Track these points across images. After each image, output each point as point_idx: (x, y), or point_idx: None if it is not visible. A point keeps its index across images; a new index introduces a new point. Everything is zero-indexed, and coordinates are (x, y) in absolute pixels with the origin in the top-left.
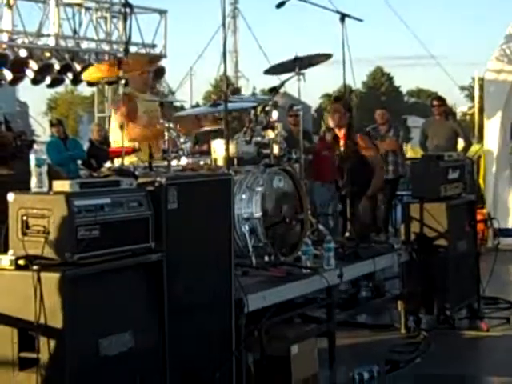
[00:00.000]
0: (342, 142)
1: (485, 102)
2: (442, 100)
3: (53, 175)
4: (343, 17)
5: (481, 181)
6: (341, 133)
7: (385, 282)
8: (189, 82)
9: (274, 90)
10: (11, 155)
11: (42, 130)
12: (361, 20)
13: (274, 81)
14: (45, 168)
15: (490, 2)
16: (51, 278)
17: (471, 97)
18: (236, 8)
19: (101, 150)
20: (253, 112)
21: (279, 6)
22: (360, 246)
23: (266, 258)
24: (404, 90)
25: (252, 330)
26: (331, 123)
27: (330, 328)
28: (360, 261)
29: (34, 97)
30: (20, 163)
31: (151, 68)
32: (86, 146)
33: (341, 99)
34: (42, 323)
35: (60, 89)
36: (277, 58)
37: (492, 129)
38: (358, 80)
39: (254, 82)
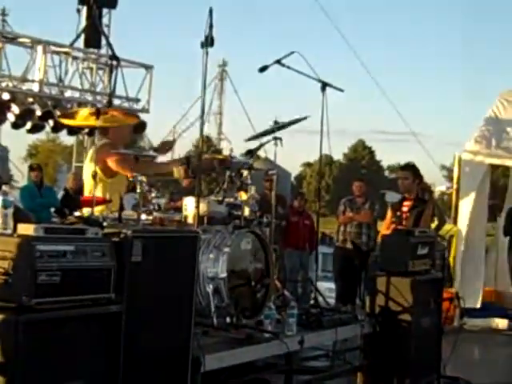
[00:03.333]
0: (405, 209)
1: (460, 181)
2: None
3: (22, 219)
4: (324, 86)
5: (451, 260)
6: (411, 197)
7: (346, 353)
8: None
9: (250, 153)
10: None
11: (20, 175)
12: (342, 90)
13: (254, 144)
14: (11, 210)
15: (478, 81)
16: (6, 321)
17: (450, 177)
18: (224, 71)
19: (75, 198)
20: (228, 173)
21: (262, 70)
22: (324, 314)
23: (228, 319)
24: (385, 164)
25: None
26: (400, 189)
27: None
28: (322, 329)
29: (15, 142)
30: None
31: (130, 122)
32: (60, 194)
33: (409, 167)
34: None
35: (41, 136)
36: (260, 122)
37: (465, 209)
38: (339, 151)
39: (237, 144)
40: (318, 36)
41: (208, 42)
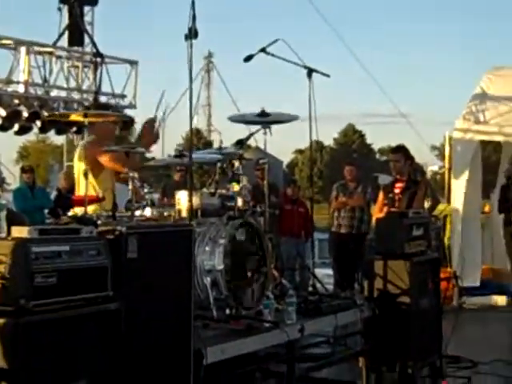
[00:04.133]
0: (397, 191)
1: (452, 160)
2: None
3: (15, 221)
4: (310, 72)
5: (446, 239)
6: (403, 179)
7: (347, 338)
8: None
9: (240, 143)
10: None
11: (12, 178)
12: (328, 75)
13: (244, 134)
14: (3, 213)
15: (465, 60)
16: (5, 325)
17: (442, 156)
18: (211, 62)
19: (68, 198)
20: (219, 164)
21: (247, 59)
22: (323, 301)
23: (227, 311)
24: (376, 147)
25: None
26: (392, 171)
27: (291, 383)
28: (322, 316)
29: (5, 145)
30: None
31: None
32: (53, 194)
33: (400, 149)
34: None
35: (31, 137)
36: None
37: (459, 187)
38: (329, 136)
39: (227, 135)
40: (303, 22)
41: (192, 33)
